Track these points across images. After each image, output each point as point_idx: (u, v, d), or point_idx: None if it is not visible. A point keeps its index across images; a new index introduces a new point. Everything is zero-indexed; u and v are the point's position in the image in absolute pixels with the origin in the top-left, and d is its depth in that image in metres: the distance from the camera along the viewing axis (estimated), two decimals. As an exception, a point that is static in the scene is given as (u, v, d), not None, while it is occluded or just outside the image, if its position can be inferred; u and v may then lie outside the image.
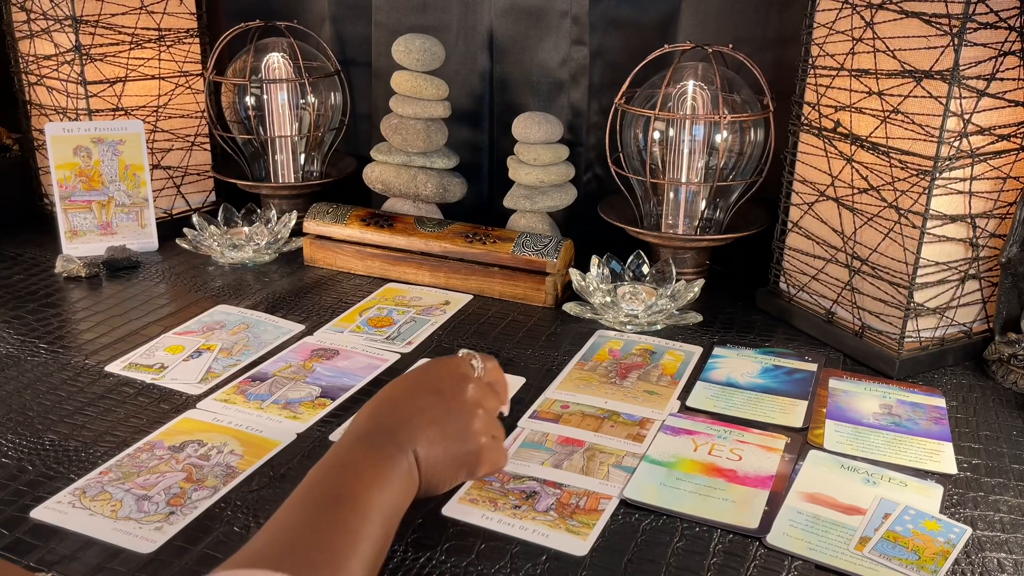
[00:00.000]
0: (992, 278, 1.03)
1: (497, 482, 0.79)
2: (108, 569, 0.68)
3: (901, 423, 0.90)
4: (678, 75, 1.17)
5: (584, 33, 1.28)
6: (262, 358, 1.02)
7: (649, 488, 0.79)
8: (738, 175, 1.20)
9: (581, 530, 0.73)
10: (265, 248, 1.31)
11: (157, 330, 1.08)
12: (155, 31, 1.36)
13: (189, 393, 0.94)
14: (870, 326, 1.04)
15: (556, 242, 1.17)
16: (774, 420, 0.91)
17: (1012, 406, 0.95)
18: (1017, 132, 0.96)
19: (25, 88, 1.40)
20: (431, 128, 1.28)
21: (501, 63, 1.36)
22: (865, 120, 0.99)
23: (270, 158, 1.42)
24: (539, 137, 1.21)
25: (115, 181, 1.31)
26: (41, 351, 1.02)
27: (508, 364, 1.01)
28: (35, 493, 0.77)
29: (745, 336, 1.10)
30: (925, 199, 0.94)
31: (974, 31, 0.89)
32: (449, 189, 1.31)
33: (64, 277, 1.23)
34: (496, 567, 0.69)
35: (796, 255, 1.13)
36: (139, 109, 1.37)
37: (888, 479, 0.81)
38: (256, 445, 0.84)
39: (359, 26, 1.46)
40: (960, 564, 0.71)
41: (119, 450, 0.83)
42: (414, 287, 1.23)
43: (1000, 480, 0.82)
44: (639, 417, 0.91)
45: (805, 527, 0.74)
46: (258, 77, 1.38)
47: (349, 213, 1.27)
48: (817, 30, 1.04)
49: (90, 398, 0.93)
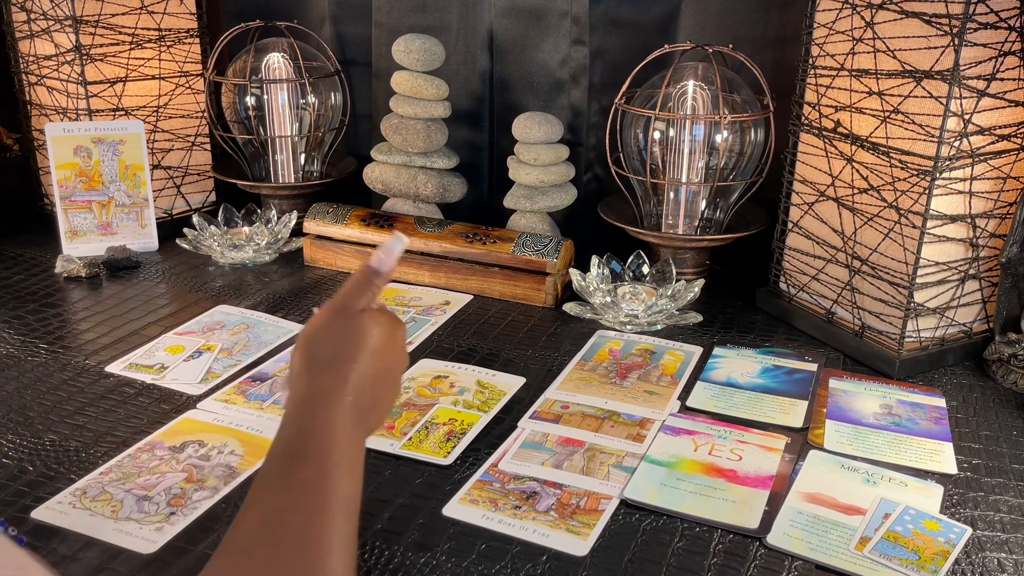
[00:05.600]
0: (992, 278, 1.03)
1: (497, 482, 0.79)
2: (109, 569, 0.68)
3: (901, 423, 0.91)
4: (678, 75, 1.17)
5: (584, 33, 1.28)
6: (262, 358, 1.02)
7: (649, 488, 0.79)
8: (738, 175, 1.20)
9: (581, 530, 0.73)
10: (265, 248, 1.31)
11: (157, 330, 1.08)
12: (155, 31, 1.36)
13: (189, 393, 0.94)
14: (870, 326, 1.04)
15: (556, 242, 1.17)
16: (774, 420, 0.91)
17: (1012, 406, 0.95)
18: (1017, 132, 0.96)
19: (25, 88, 1.40)
20: (431, 128, 1.28)
21: (501, 63, 1.36)
22: (865, 120, 0.99)
23: (270, 158, 1.42)
24: (539, 137, 1.21)
25: (115, 181, 1.31)
26: (41, 351, 1.02)
27: (508, 364, 1.01)
28: (36, 493, 0.77)
29: (745, 336, 1.10)
30: (925, 199, 0.94)
31: (974, 31, 0.89)
32: (449, 189, 1.31)
33: (64, 277, 1.23)
34: (496, 567, 0.69)
35: (796, 255, 1.13)
36: (139, 109, 1.37)
37: (888, 479, 0.81)
38: (256, 445, 0.84)
39: (359, 26, 1.46)
40: (960, 564, 0.71)
41: (119, 450, 0.83)
42: (414, 287, 1.23)
43: (1000, 480, 0.82)
44: (639, 417, 0.91)
45: (805, 527, 0.74)
46: (258, 77, 1.38)
47: (349, 213, 1.27)
48: (817, 30, 1.04)
49: (90, 398, 0.93)
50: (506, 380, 0.98)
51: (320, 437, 0.60)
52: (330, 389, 0.63)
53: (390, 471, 0.81)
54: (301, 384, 0.64)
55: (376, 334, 0.66)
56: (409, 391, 0.95)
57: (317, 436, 0.60)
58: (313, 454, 0.59)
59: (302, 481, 0.58)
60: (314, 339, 0.66)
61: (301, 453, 0.59)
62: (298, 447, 0.60)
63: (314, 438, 0.60)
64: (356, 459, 0.61)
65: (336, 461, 0.59)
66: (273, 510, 0.56)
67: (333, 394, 0.63)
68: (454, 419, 0.90)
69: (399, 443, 0.85)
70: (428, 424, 0.88)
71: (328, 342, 0.65)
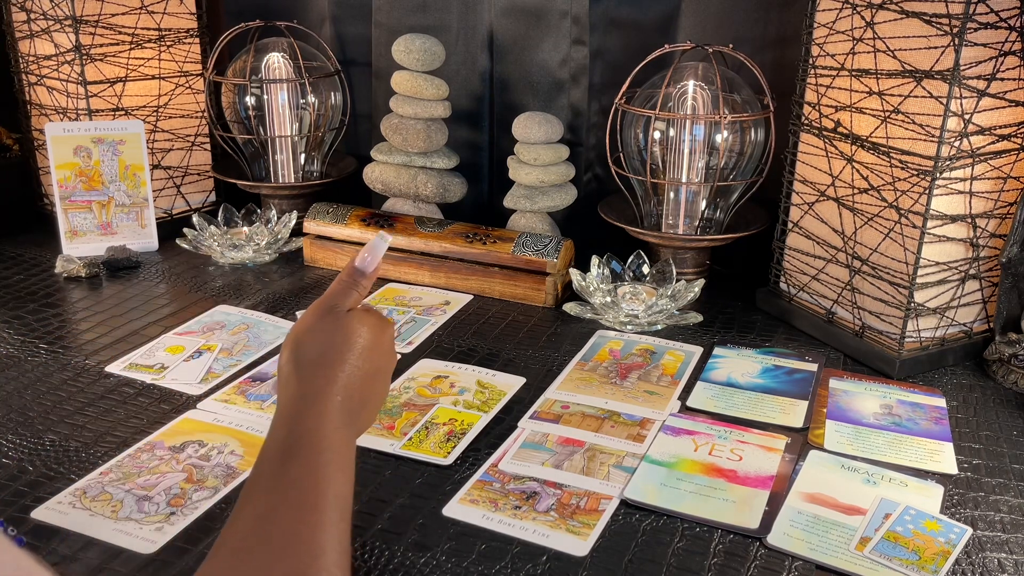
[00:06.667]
0: (992, 278, 1.03)
1: (497, 483, 0.79)
2: (109, 570, 0.68)
3: (901, 423, 0.90)
4: (678, 75, 1.17)
5: (584, 33, 1.28)
6: (262, 358, 1.01)
7: (649, 488, 0.79)
8: (738, 175, 1.20)
9: (581, 530, 0.73)
10: (265, 248, 1.31)
11: (157, 330, 1.08)
12: (155, 31, 1.36)
13: (189, 393, 0.94)
14: (870, 326, 1.04)
15: (556, 242, 1.17)
16: (774, 420, 0.91)
17: (1012, 406, 0.95)
18: (1017, 132, 0.96)
19: (25, 88, 1.40)
20: (431, 128, 1.28)
21: (501, 63, 1.36)
22: (865, 120, 0.99)
23: (270, 158, 1.42)
24: (539, 137, 1.21)
25: (115, 181, 1.31)
26: (41, 351, 1.02)
27: (508, 364, 1.01)
28: (36, 493, 0.77)
29: (745, 336, 1.10)
30: (925, 199, 0.94)
31: (974, 31, 0.89)
32: (449, 189, 1.31)
33: (64, 277, 1.23)
34: (496, 567, 0.69)
35: (796, 255, 1.13)
36: (139, 109, 1.37)
37: (888, 479, 0.81)
38: (256, 446, 0.84)
39: (359, 26, 1.46)
40: (960, 564, 0.71)
41: (119, 450, 0.83)
42: (414, 287, 1.23)
43: (1000, 480, 0.82)
44: (639, 417, 0.91)
45: (805, 527, 0.74)
46: (258, 77, 1.38)
47: (349, 213, 1.27)
48: (817, 30, 1.04)
49: (90, 398, 0.93)
50: (506, 380, 0.98)
51: (311, 437, 0.60)
52: (320, 389, 0.63)
53: (390, 471, 0.81)
54: (291, 385, 0.64)
55: (364, 334, 0.66)
56: (409, 391, 0.95)
57: (308, 436, 0.61)
58: (304, 454, 0.59)
59: (294, 480, 0.58)
60: (302, 340, 0.66)
61: (292, 453, 0.59)
62: (289, 447, 0.60)
63: (305, 438, 0.60)
64: (347, 458, 0.61)
65: (327, 460, 0.59)
66: (265, 510, 0.56)
67: (323, 394, 0.63)
68: (454, 419, 0.89)
69: (399, 443, 0.85)
70: (428, 424, 0.88)
71: (316, 343, 0.66)
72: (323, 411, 0.62)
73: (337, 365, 0.64)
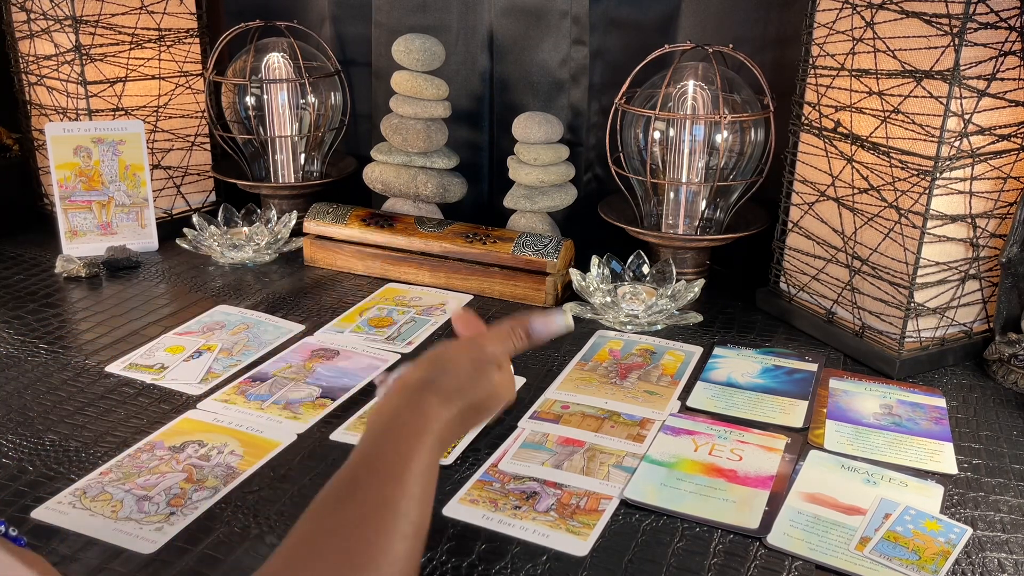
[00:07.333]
0: (992, 278, 1.03)
1: (497, 482, 0.79)
2: (109, 569, 0.68)
3: (901, 423, 0.90)
4: (678, 75, 1.17)
5: (584, 33, 1.28)
6: (262, 358, 1.02)
7: (649, 488, 0.79)
8: (738, 175, 1.20)
9: (581, 530, 0.73)
10: (265, 248, 1.31)
11: (157, 330, 1.08)
12: (155, 31, 1.36)
13: (189, 393, 0.94)
14: (870, 326, 1.04)
15: (556, 242, 1.17)
16: (774, 420, 0.91)
17: (1012, 406, 0.95)
18: (1017, 132, 0.96)
19: (25, 88, 1.40)
20: (431, 128, 1.28)
21: (501, 63, 1.36)
22: (865, 120, 0.99)
23: (270, 158, 1.42)
24: (539, 137, 1.21)
25: (115, 181, 1.31)
26: (41, 351, 1.02)
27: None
28: (36, 493, 0.77)
29: (745, 336, 1.10)
30: (925, 199, 0.94)
31: (974, 31, 0.89)
32: (449, 189, 1.31)
33: (64, 277, 1.23)
34: (496, 567, 0.69)
35: (796, 255, 1.13)
36: (139, 109, 1.37)
37: (888, 479, 0.81)
38: (256, 445, 0.84)
39: (359, 26, 1.46)
40: (960, 564, 0.71)
41: (119, 450, 0.83)
42: (414, 287, 1.23)
43: (1000, 480, 0.82)
44: (639, 417, 0.91)
45: (805, 527, 0.74)
46: (258, 77, 1.38)
47: (349, 213, 1.27)
48: (817, 30, 1.04)
49: (90, 398, 0.93)
50: (506, 380, 0.98)
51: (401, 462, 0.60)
52: (433, 417, 0.63)
53: (390, 471, 0.81)
54: (406, 395, 0.65)
55: (494, 395, 0.69)
56: (409, 391, 0.95)
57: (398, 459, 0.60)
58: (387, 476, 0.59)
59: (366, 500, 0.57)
60: (445, 364, 0.68)
61: (375, 469, 0.59)
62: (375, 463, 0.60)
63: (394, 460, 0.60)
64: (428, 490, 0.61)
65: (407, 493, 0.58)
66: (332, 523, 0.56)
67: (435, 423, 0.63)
68: (454, 419, 0.89)
69: (399, 443, 0.85)
70: (428, 424, 0.88)
71: (458, 374, 0.67)
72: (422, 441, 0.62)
73: (462, 403, 0.66)
